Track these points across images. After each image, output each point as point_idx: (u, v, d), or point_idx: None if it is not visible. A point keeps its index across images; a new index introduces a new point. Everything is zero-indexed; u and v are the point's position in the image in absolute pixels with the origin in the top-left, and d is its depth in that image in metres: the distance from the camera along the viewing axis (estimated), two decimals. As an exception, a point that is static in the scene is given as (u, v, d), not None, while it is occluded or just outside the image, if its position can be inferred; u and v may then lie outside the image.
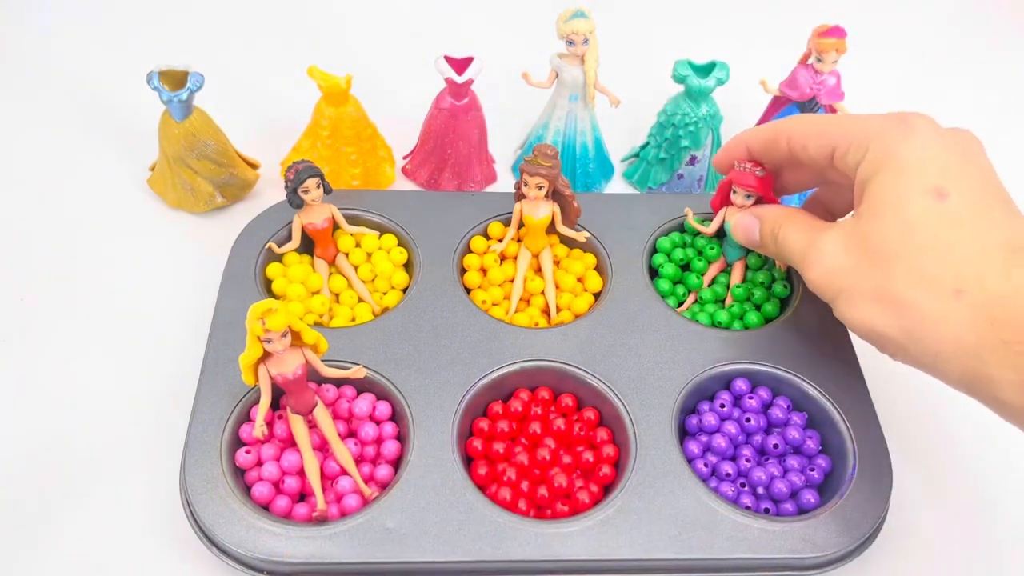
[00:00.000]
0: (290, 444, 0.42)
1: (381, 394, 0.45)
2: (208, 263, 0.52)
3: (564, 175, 0.50)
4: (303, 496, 0.42)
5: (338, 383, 0.45)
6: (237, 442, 0.42)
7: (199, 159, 0.53)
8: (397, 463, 0.43)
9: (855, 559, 0.40)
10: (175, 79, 0.51)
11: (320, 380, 0.43)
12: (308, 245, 0.50)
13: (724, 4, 0.79)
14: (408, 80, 0.63)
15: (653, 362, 0.46)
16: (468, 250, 0.51)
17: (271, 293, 0.49)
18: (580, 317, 0.49)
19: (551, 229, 0.50)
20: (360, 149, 0.56)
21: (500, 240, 0.51)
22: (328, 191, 0.48)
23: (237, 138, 0.56)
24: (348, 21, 0.74)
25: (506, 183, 0.61)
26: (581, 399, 0.46)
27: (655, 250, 0.52)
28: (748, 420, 0.45)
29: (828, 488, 0.43)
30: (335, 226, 0.50)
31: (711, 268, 0.51)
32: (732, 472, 0.43)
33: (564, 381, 0.46)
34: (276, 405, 0.43)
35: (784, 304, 0.50)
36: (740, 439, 0.44)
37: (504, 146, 0.62)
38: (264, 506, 0.41)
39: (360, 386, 0.45)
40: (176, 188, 0.55)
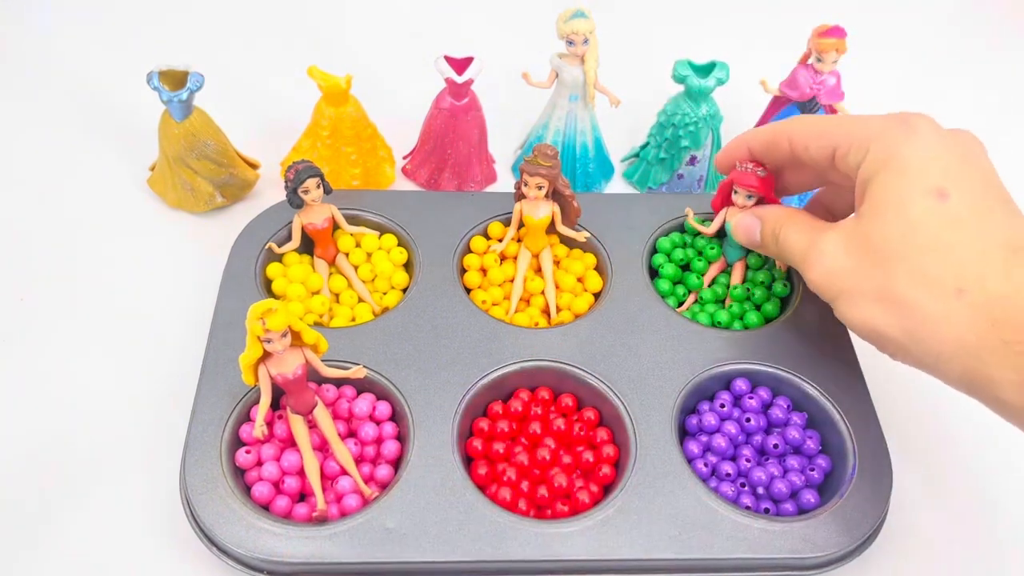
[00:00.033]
0: (290, 444, 0.42)
1: (381, 394, 0.45)
2: (208, 263, 0.52)
3: (564, 175, 0.50)
4: (303, 496, 0.42)
5: (338, 383, 0.45)
6: (237, 442, 0.42)
7: (199, 159, 0.53)
8: (397, 463, 0.43)
9: (855, 559, 0.40)
10: (175, 79, 0.51)
11: (320, 380, 0.43)
12: (308, 245, 0.50)
13: (724, 4, 0.79)
14: (408, 80, 0.63)
15: (653, 362, 0.46)
16: (468, 250, 0.51)
17: (271, 293, 0.49)
18: (580, 317, 0.49)
19: (551, 229, 0.50)
20: (360, 149, 0.56)
21: (500, 240, 0.51)
22: (328, 191, 0.48)
23: (237, 138, 0.56)
24: (348, 21, 0.74)
25: (506, 183, 0.61)
26: (581, 399, 0.46)
27: (655, 250, 0.52)
28: (748, 420, 0.45)
29: (828, 488, 0.43)
30: (335, 226, 0.50)
31: (711, 268, 0.51)
32: (732, 472, 0.43)
33: (564, 381, 0.46)
34: (276, 405, 0.43)
35: (784, 304, 0.50)
36: (740, 439, 0.44)
37: (504, 146, 0.62)
38: (264, 506, 0.41)
39: (360, 386, 0.45)
40: (176, 188, 0.55)
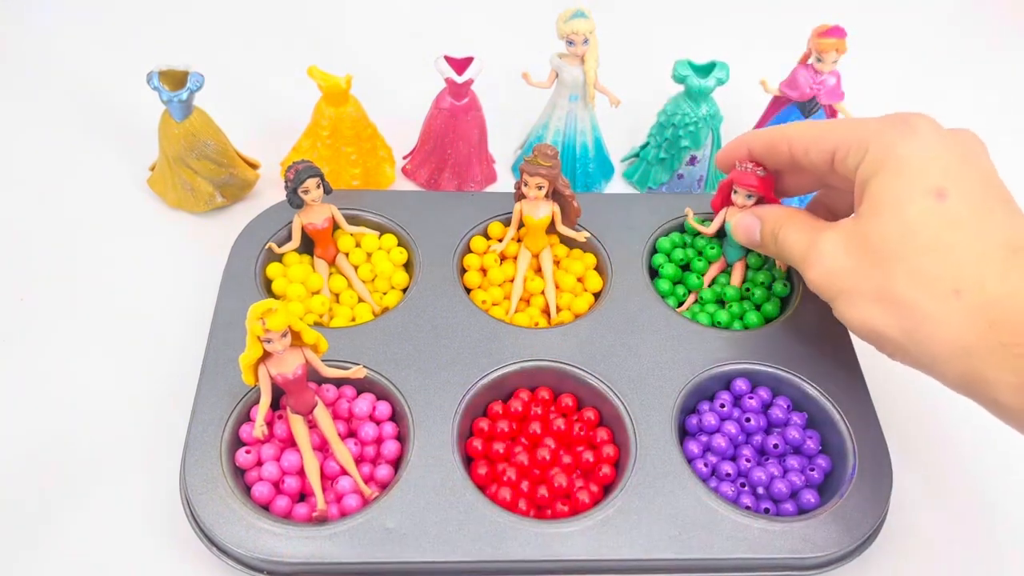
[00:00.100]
0: (290, 444, 0.42)
1: (381, 394, 0.45)
2: (208, 263, 0.52)
3: (564, 175, 0.50)
4: (303, 496, 0.42)
5: (338, 383, 0.45)
6: (237, 442, 0.42)
7: (199, 159, 0.53)
8: (397, 463, 0.43)
9: (855, 559, 0.40)
10: (175, 79, 0.51)
11: (320, 380, 0.43)
12: (308, 245, 0.50)
13: (724, 4, 0.79)
14: (408, 80, 0.63)
15: (653, 362, 0.46)
16: (468, 250, 0.51)
17: (271, 293, 0.49)
18: (580, 317, 0.49)
19: (551, 229, 0.50)
20: (360, 149, 0.56)
21: (500, 240, 0.51)
22: (328, 191, 0.48)
23: (237, 138, 0.56)
24: (348, 21, 0.74)
25: (506, 183, 0.61)
26: (581, 399, 0.46)
27: (655, 250, 0.52)
28: (748, 420, 0.45)
29: (828, 488, 0.43)
30: (335, 226, 0.50)
31: (711, 268, 0.51)
32: (732, 472, 0.43)
33: (564, 381, 0.46)
34: (276, 405, 0.43)
35: (784, 304, 0.50)
36: (740, 439, 0.44)
37: (504, 146, 0.62)
38: (264, 506, 0.41)
39: (360, 386, 0.45)
40: (176, 188, 0.55)
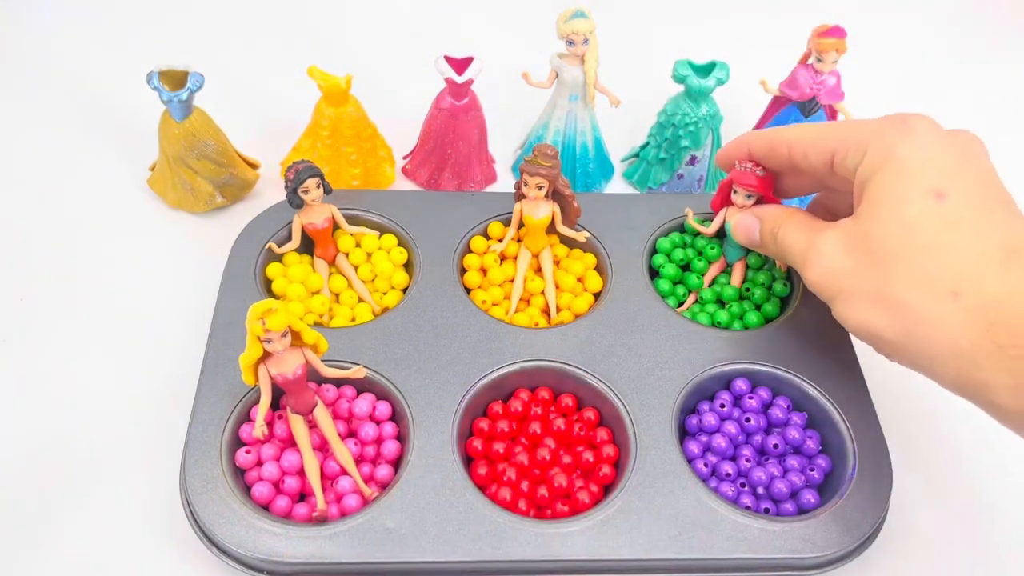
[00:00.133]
0: (290, 444, 0.42)
1: (381, 394, 0.45)
2: (208, 263, 0.52)
3: (564, 175, 0.50)
4: (303, 496, 0.42)
5: (338, 383, 0.45)
6: (237, 442, 0.42)
7: (199, 159, 0.53)
8: (397, 463, 0.43)
9: (855, 559, 0.40)
10: (175, 79, 0.51)
11: (320, 380, 0.43)
12: (308, 245, 0.50)
13: (724, 4, 0.79)
14: (408, 80, 0.63)
15: (653, 362, 0.46)
16: (468, 250, 0.51)
17: (271, 293, 0.49)
18: (580, 317, 0.49)
19: (551, 229, 0.50)
20: (360, 149, 0.56)
21: (500, 240, 0.51)
22: (328, 191, 0.48)
23: (237, 138, 0.56)
24: (348, 21, 0.74)
25: (506, 183, 0.61)
26: (581, 399, 0.46)
27: (655, 250, 0.52)
28: (748, 420, 0.45)
29: (828, 488, 0.43)
30: (335, 226, 0.50)
31: (711, 268, 0.51)
32: (732, 472, 0.43)
33: (564, 381, 0.46)
34: (276, 405, 0.43)
35: (784, 304, 0.50)
36: (740, 439, 0.44)
37: (504, 146, 0.62)
38: (264, 506, 0.41)
39: (360, 386, 0.45)
40: (176, 188, 0.55)
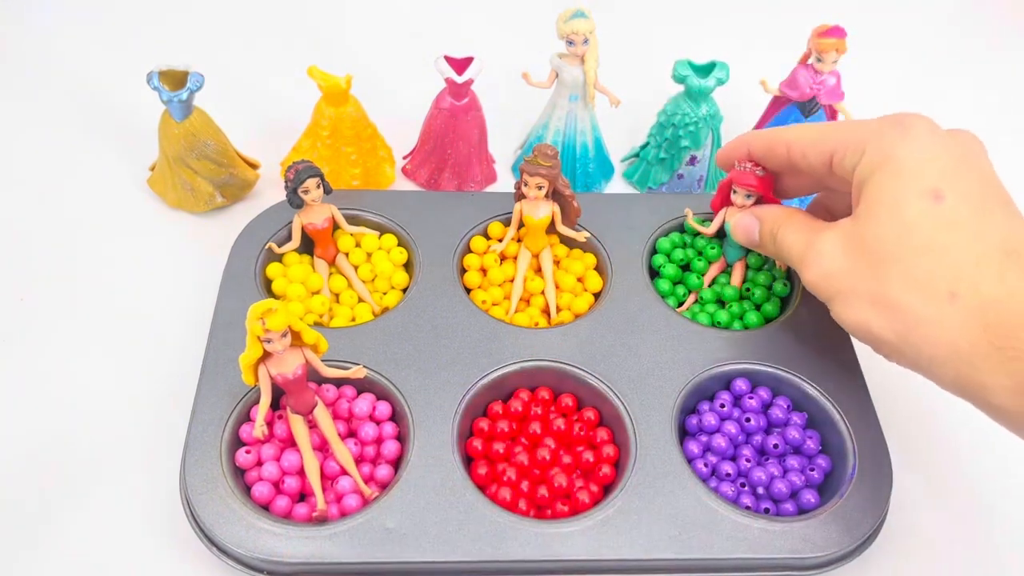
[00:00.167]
0: (290, 444, 0.42)
1: (381, 394, 0.45)
2: (208, 263, 0.52)
3: (564, 175, 0.50)
4: (303, 496, 0.42)
5: (338, 383, 0.45)
6: (237, 442, 0.42)
7: (199, 159, 0.53)
8: (397, 463, 0.43)
9: (855, 559, 0.40)
10: (175, 79, 0.51)
11: (320, 380, 0.43)
12: (308, 245, 0.50)
13: (724, 4, 0.79)
14: (408, 80, 0.63)
15: (653, 362, 0.46)
16: (468, 250, 0.51)
17: (271, 293, 0.49)
18: (580, 317, 0.49)
19: (551, 229, 0.50)
20: (360, 149, 0.56)
21: (500, 240, 0.51)
22: (328, 191, 0.48)
23: (237, 138, 0.56)
24: (348, 21, 0.74)
25: (506, 183, 0.61)
26: (581, 399, 0.46)
27: (655, 250, 0.52)
28: (748, 420, 0.45)
29: (828, 488, 0.43)
30: (335, 226, 0.50)
31: (711, 268, 0.51)
32: (732, 472, 0.43)
33: (564, 381, 0.46)
34: (276, 405, 0.43)
35: (784, 304, 0.50)
36: (740, 439, 0.44)
37: (504, 146, 0.62)
38: (264, 506, 0.41)
39: (360, 386, 0.45)
40: (176, 188, 0.55)
